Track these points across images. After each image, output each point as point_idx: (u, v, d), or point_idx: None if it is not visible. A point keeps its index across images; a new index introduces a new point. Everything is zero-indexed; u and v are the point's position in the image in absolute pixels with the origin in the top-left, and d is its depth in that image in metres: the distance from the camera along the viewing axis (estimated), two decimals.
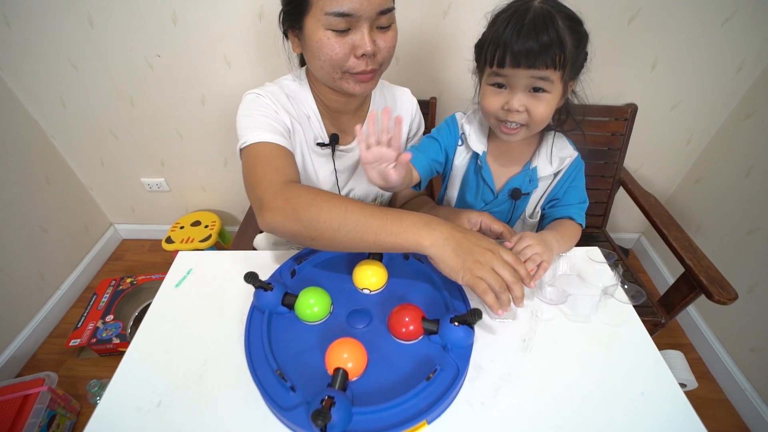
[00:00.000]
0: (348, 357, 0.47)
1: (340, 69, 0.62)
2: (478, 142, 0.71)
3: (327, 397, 0.42)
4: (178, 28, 1.17)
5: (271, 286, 0.55)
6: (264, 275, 0.59)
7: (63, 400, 1.13)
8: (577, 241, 0.71)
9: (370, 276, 0.60)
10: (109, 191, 1.67)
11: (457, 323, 0.50)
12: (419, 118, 0.87)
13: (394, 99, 0.83)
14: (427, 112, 1.17)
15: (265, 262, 0.70)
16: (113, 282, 1.50)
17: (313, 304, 0.54)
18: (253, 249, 0.93)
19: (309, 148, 0.74)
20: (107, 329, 1.32)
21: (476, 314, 0.49)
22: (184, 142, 1.47)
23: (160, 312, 0.61)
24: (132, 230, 1.83)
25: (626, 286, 0.63)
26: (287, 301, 0.56)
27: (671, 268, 1.55)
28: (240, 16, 1.15)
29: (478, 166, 0.72)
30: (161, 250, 1.56)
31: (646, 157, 1.43)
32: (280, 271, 0.62)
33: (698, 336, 1.38)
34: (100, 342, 1.29)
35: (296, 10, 0.60)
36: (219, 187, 1.64)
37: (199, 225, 1.62)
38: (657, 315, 1.01)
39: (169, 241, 1.55)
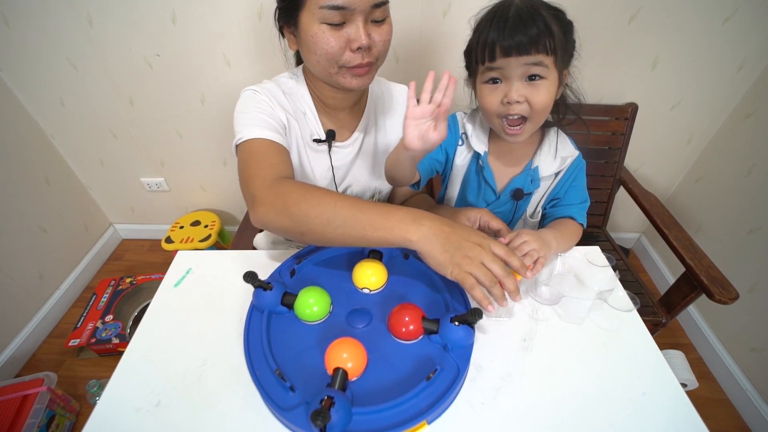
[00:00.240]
0: (348, 357, 0.47)
1: (336, 63, 0.62)
2: (479, 142, 0.71)
3: (326, 397, 0.41)
4: (177, 27, 1.17)
5: (271, 285, 0.55)
6: (263, 275, 0.59)
7: (62, 400, 1.13)
8: (578, 240, 0.71)
9: (370, 275, 0.59)
10: (109, 191, 1.67)
11: (457, 323, 0.50)
12: None
13: (392, 96, 0.83)
14: None
15: (264, 262, 0.70)
16: (113, 282, 1.50)
17: (313, 304, 0.54)
18: (253, 248, 0.93)
19: (305, 144, 0.75)
20: (107, 329, 1.32)
21: (476, 314, 0.49)
22: (184, 141, 1.47)
23: (159, 312, 0.61)
24: (131, 230, 1.83)
25: (621, 293, 0.63)
26: (287, 301, 0.55)
27: (672, 268, 1.55)
28: (239, 15, 1.15)
29: (480, 167, 0.72)
30: (161, 250, 1.56)
31: (647, 156, 1.43)
32: (280, 271, 0.62)
33: (699, 336, 1.37)
34: (99, 342, 1.29)
35: (291, 6, 0.61)
36: (219, 187, 1.64)
37: (198, 225, 1.61)
38: (657, 315, 1.01)
39: (169, 240, 1.55)
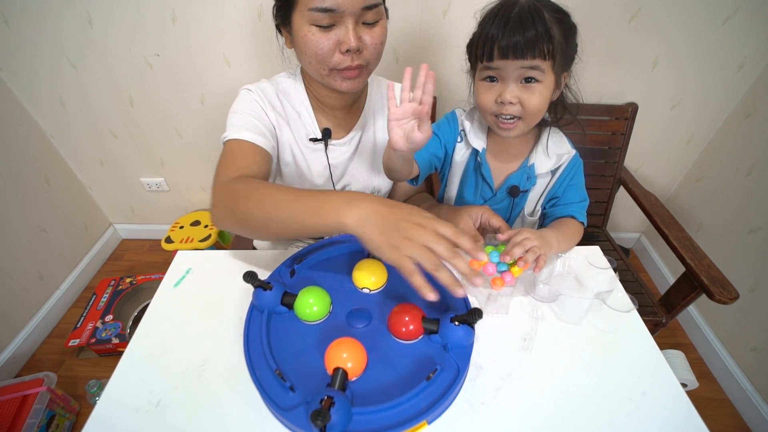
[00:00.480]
0: (347, 357, 0.47)
1: (327, 65, 0.62)
2: (477, 138, 0.71)
3: (326, 397, 0.41)
4: (177, 27, 1.17)
5: (271, 285, 0.55)
6: (263, 274, 0.59)
7: (62, 400, 1.13)
8: (579, 239, 0.71)
9: (370, 275, 0.59)
10: (109, 191, 1.67)
11: (457, 323, 0.49)
12: None
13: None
14: None
15: (264, 262, 0.70)
16: (113, 282, 1.49)
17: (313, 304, 0.54)
18: (253, 248, 0.93)
19: (301, 144, 0.75)
20: (106, 329, 1.32)
21: (477, 314, 0.49)
22: (184, 141, 1.47)
23: (159, 312, 0.61)
24: (131, 230, 1.83)
25: (620, 294, 0.63)
26: (286, 301, 0.55)
27: (672, 268, 1.55)
28: (239, 14, 1.15)
29: (478, 163, 0.72)
30: (161, 250, 1.56)
31: (647, 156, 1.43)
32: (280, 271, 0.62)
33: (699, 336, 1.37)
34: (99, 342, 1.29)
35: (285, 6, 0.61)
36: None
37: (198, 225, 1.61)
38: (658, 315, 1.01)
39: (169, 240, 1.55)
